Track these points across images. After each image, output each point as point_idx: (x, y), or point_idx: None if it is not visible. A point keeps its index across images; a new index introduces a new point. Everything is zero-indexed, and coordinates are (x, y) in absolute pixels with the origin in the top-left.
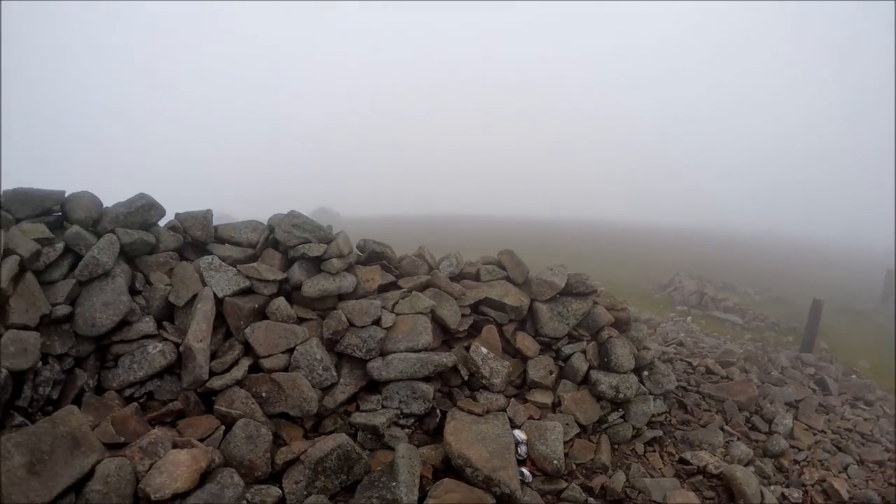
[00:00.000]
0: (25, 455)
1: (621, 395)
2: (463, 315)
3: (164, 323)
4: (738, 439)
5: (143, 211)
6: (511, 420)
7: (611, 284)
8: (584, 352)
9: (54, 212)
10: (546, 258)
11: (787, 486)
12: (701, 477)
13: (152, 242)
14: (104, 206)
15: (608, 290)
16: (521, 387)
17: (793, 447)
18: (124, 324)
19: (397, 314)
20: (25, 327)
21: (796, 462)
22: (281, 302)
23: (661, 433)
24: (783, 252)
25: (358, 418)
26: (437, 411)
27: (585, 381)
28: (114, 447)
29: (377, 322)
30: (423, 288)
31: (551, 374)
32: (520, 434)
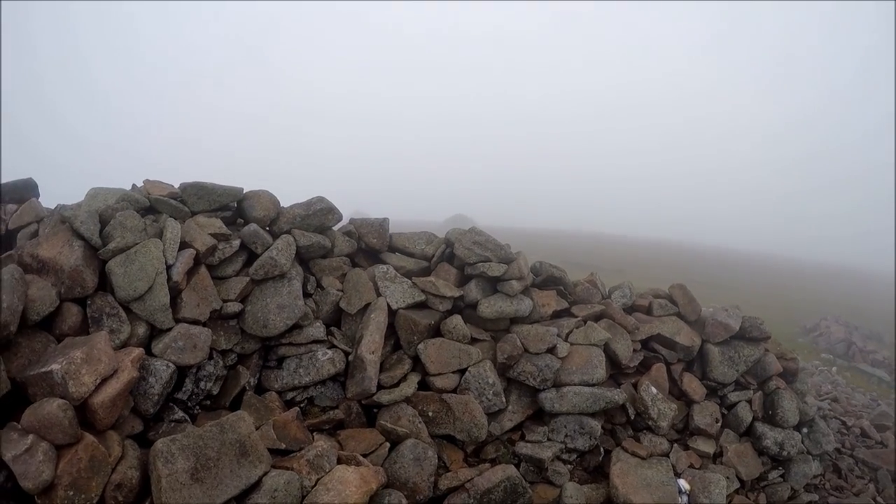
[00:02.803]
0: (190, 460)
1: (785, 453)
2: (634, 350)
3: (331, 329)
4: None
5: (320, 214)
6: (673, 467)
7: None
8: (749, 401)
9: (230, 208)
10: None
11: None
12: None
13: (328, 246)
14: (281, 205)
15: None
16: (683, 431)
17: None
18: (295, 327)
19: (571, 344)
20: (196, 322)
21: None
22: (458, 320)
23: (816, 497)
24: None
25: (523, 449)
26: (601, 449)
27: (748, 433)
28: (274, 453)
29: (552, 350)
30: (597, 318)
31: (717, 422)
32: (684, 483)
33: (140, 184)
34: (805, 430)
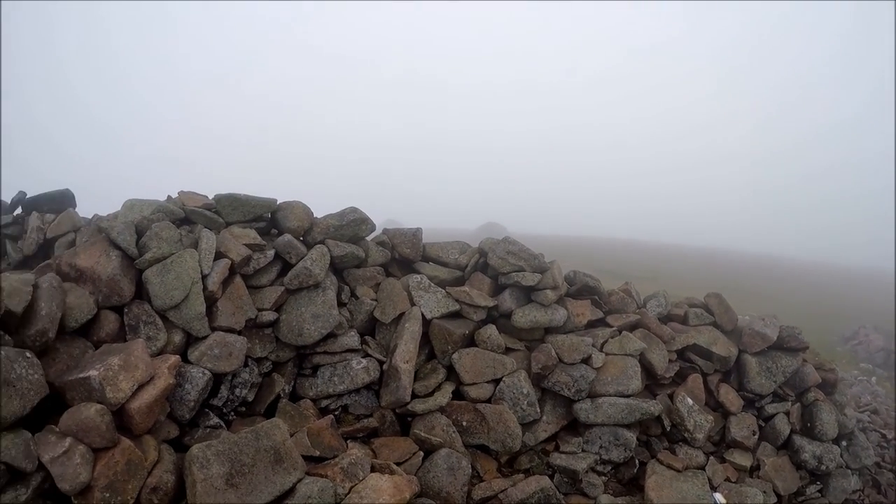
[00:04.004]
0: (225, 465)
1: (823, 467)
2: (670, 360)
3: (366, 338)
4: None
5: (354, 225)
6: (709, 480)
7: None
8: (787, 413)
9: (264, 218)
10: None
11: None
12: None
13: (361, 256)
14: (315, 216)
15: None
16: (720, 444)
17: None
18: (329, 336)
19: (606, 354)
20: (231, 330)
21: None
22: (492, 330)
23: None
24: None
25: (558, 460)
26: (636, 461)
27: (786, 446)
28: (308, 460)
29: (587, 361)
30: (632, 328)
31: (754, 434)
32: (720, 497)
33: (175, 195)
34: (844, 443)
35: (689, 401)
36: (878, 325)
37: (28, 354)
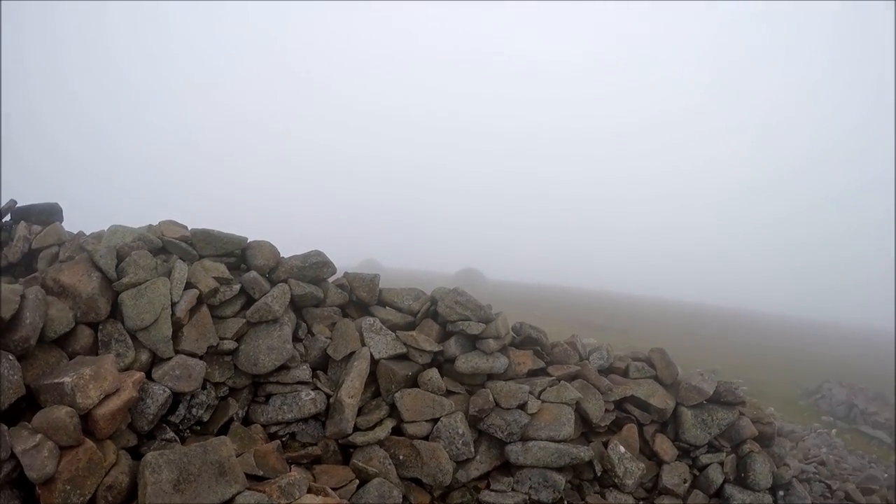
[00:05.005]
0: (174, 472)
1: None
2: (606, 410)
3: (317, 372)
4: None
5: (316, 267)
6: None
7: (754, 384)
8: (721, 463)
9: (234, 254)
10: (689, 351)
11: None
12: None
13: (320, 297)
14: (281, 256)
15: (750, 390)
16: (652, 490)
17: None
18: (282, 367)
19: (543, 401)
20: (193, 354)
21: None
22: (434, 374)
23: None
24: None
25: (487, 497)
26: (565, 502)
27: (718, 495)
28: (252, 479)
29: (522, 406)
30: (571, 378)
31: (685, 482)
32: None
33: (155, 223)
34: (781, 493)
35: (622, 448)
36: (843, 379)
37: (10, 357)
